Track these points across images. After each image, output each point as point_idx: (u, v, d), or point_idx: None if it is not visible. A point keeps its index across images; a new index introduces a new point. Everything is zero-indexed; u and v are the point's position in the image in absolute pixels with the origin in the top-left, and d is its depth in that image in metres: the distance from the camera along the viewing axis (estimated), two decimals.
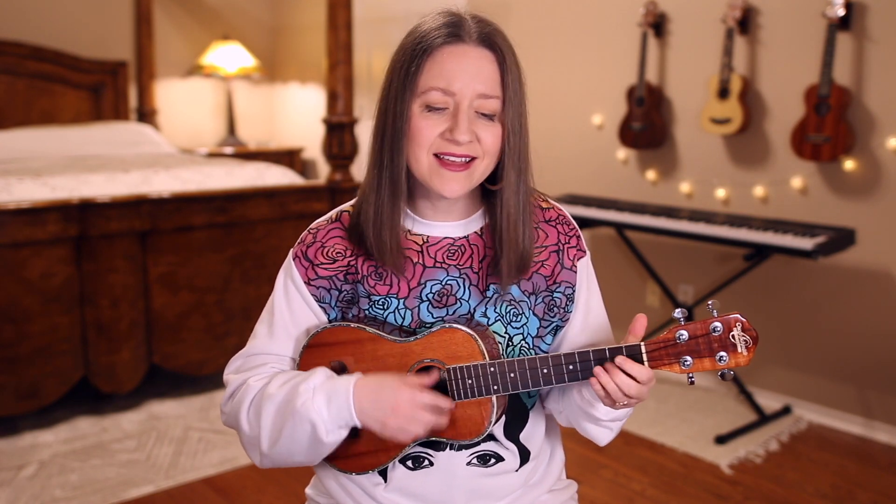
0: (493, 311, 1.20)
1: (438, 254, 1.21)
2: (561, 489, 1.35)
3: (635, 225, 3.25)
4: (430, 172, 1.14)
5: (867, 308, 3.07)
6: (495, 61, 1.14)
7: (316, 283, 1.22)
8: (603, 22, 3.79)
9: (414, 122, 1.13)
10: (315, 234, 1.25)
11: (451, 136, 1.12)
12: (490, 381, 1.12)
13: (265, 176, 3.58)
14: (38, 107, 4.62)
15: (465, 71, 1.11)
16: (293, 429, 1.12)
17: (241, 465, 2.75)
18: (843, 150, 2.97)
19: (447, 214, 1.22)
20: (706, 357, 1.09)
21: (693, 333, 1.09)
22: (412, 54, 1.13)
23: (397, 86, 1.13)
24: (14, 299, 2.82)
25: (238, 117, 5.55)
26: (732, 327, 1.08)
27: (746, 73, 3.30)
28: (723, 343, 1.08)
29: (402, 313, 1.19)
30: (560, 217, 1.27)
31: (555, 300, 1.23)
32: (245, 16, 5.55)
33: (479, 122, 1.14)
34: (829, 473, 2.78)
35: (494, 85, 1.13)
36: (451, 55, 1.12)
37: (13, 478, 2.64)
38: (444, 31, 1.12)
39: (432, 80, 1.12)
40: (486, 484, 1.22)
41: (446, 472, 1.20)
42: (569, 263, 1.24)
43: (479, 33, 1.13)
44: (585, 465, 2.79)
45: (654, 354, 1.10)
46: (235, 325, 3.33)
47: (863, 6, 2.96)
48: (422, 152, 1.13)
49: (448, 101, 1.12)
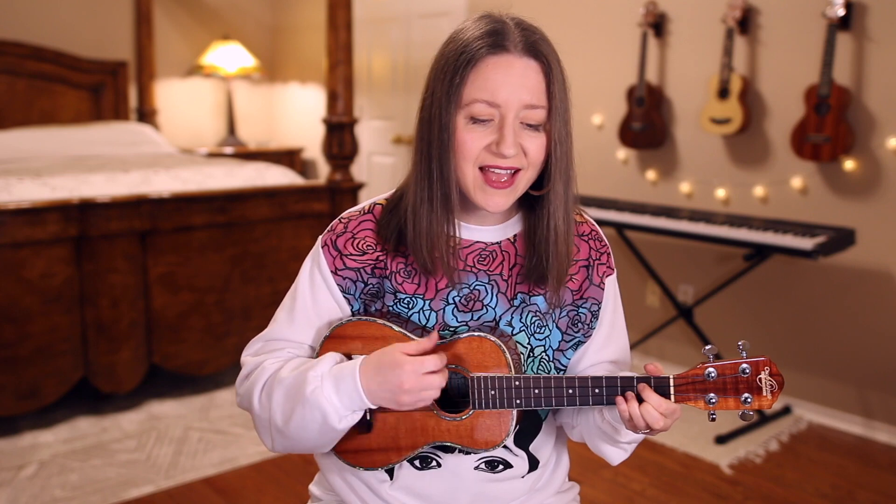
0: (518, 321, 1.19)
1: (469, 257, 1.19)
2: (564, 491, 1.35)
3: (635, 225, 3.25)
4: (474, 186, 1.12)
5: (867, 308, 3.07)
6: (541, 71, 1.11)
7: (343, 273, 1.20)
8: (603, 22, 3.79)
9: (459, 134, 1.10)
10: (346, 224, 1.22)
11: (497, 149, 1.10)
12: (514, 394, 1.11)
13: (265, 176, 3.58)
14: (38, 107, 4.62)
15: (511, 82, 1.09)
16: (303, 416, 1.11)
17: (241, 465, 2.75)
18: (843, 150, 2.97)
19: (482, 219, 1.20)
20: (731, 397, 1.10)
21: (721, 372, 1.10)
22: (455, 65, 1.10)
23: (441, 97, 1.11)
24: (14, 299, 2.82)
25: (238, 117, 5.55)
26: (761, 371, 1.10)
27: (746, 73, 3.30)
28: (749, 385, 1.10)
29: (427, 314, 1.18)
30: (593, 232, 1.26)
31: (580, 315, 1.22)
32: (245, 16, 5.55)
33: (524, 133, 1.11)
34: (829, 473, 2.78)
35: (540, 95, 1.11)
36: (496, 66, 1.09)
37: (13, 478, 2.64)
38: (487, 40, 1.09)
39: (476, 91, 1.09)
40: (491, 489, 1.22)
41: (453, 474, 1.20)
42: (597, 280, 1.23)
43: (525, 42, 1.11)
44: (586, 466, 2.79)
45: (681, 388, 1.11)
46: (235, 325, 3.33)
47: (863, 6, 2.96)
48: (467, 165, 1.11)
49: (493, 113, 1.10)
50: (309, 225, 3.46)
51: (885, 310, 3.02)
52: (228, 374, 3.52)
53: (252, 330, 3.18)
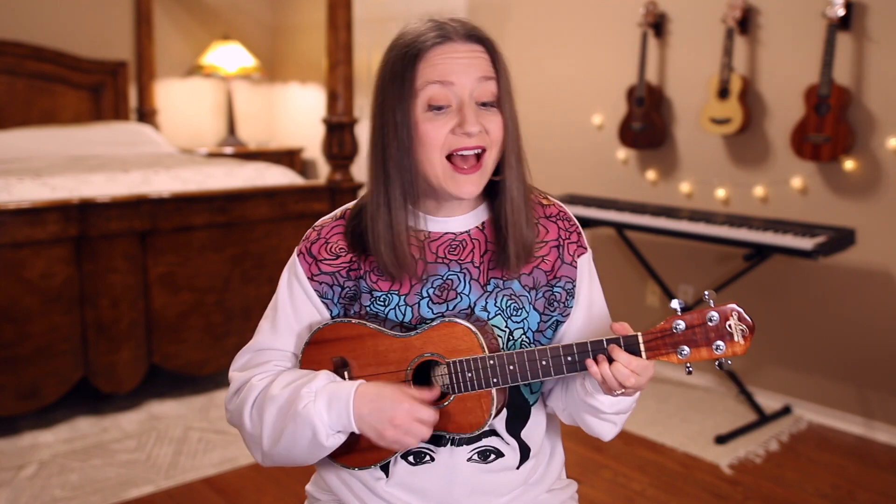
0: (493, 306, 1.20)
1: (440, 249, 1.22)
2: (561, 489, 1.35)
3: (635, 225, 3.25)
4: (444, 176, 1.15)
5: (867, 308, 3.07)
6: (485, 51, 1.16)
7: (319, 278, 1.23)
8: (603, 22, 3.79)
9: (421, 126, 1.14)
10: (319, 231, 1.26)
11: (461, 129, 1.13)
12: (490, 373, 1.13)
13: (265, 176, 3.58)
14: (38, 107, 4.62)
15: (459, 63, 1.14)
16: (294, 431, 1.14)
17: (241, 465, 2.75)
18: (843, 150, 2.97)
19: (450, 210, 1.23)
20: (703, 346, 1.10)
21: (690, 323, 1.10)
22: (403, 63, 1.14)
23: (394, 95, 1.14)
24: (14, 299, 2.82)
25: (238, 117, 5.55)
26: (729, 317, 1.09)
27: (746, 73, 3.30)
28: (719, 332, 1.09)
29: (403, 310, 1.20)
30: (561, 213, 1.28)
31: (555, 294, 1.24)
32: (245, 16, 5.55)
33: (482, 113, 1.15)
34: (829, 473, 2.78)
35: (489, 69, 1.16)
36: (443, 53, 1.14)
37: (13, 478, 2.64)
38: (431, 34, 1.15)
39: (427, 76, 1.13)
40: (486, 480, 1.23)
41: (447, 467, 1.21)
42: (569, 259, 1.25)
43: (465, 30, 1.16)
44: (585, 465, 2.79)
45: (651, 344, 1.11)
46: (235, 325, 3.33)
47: (863, 6, 2.96)
48: (434, 154, 1.14)
49: (450, 98, 1.13)
50: (309, 225, 3.45)
51: (885, 310, 3.02)
52: (228, 375, 3.52)
53: (252, 330, 3.17)
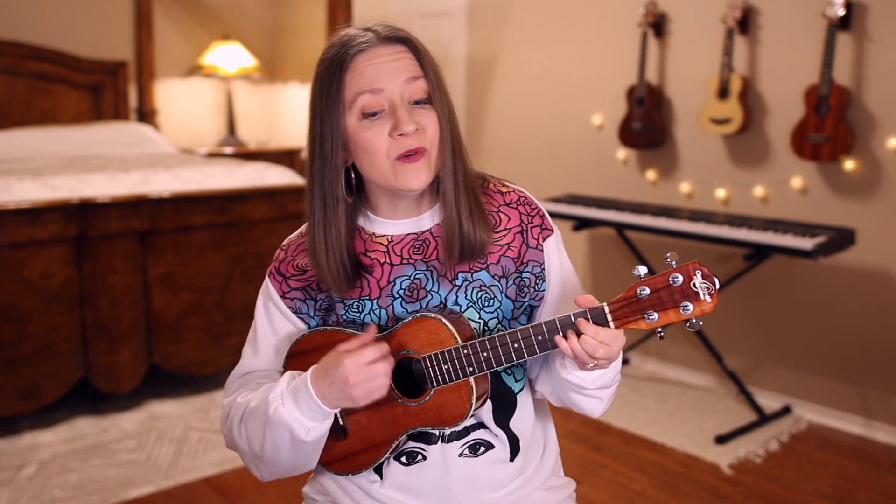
0: (464, 299, 1.21)
1: (404, 250, 1.22)
2: (559, 487, 1.35)
3: (635, 225, 3.25)
4: (393, 174, 1.15)
5: (867, 308, 3.06)
6: (409, 50, 1.17)
7: (291, 295, 1.25)
8: (603, 22, 3.79)
9: (359, 136, 1.14)
10: (286, 250, 1.28)
11: (396, 131, 1.13)
12: (465, 362, 1.13)
13: (265, 176, 3.58)
14: (38, 107, 4.62)
15: (385, 67, 1.14)
16: (273, 437, 1.15)
17: (241, 465, 2.74)
18: (843, 150, 2.97)
19: (407, 212, 1.23)
20: (670, 309, 1.08)
21: (654, 287, 1.08)
22: (327, 77, 1.15)
23: (323, 110, 1.15)
24: (14, 299, 2.82)
25: (238, 117, 5.55)
26: (692, 276, 1.07)
27: (746, 73, 3.30)
28: (685, 293, 1.07)
29: (378, 313, 1.22)
30: (521, 199, 1.27)
31: (524, 280, 1.24)
32: (245, 16, 5.55)
33: (417, 112, 1.15)
34: (829, 473, 2.78)
35: (416, 68, 1.16)
36: (366, 59, 1.14)
37: (13, 478, 2.64)
38: (350, 43, 1.15)
39: (356, 86, 1.13)
40: (480, 475, 1.23)
41: (440, 464, 1.21)
42: (534, 243, 1.24)
43: (384, 32, 1.17)
44: (585, 465, 2.79)
45: (619, 313, 1.09)
46: (235, 325, 3.33)
47: (863, 6, 2.96)
48: (381, 160, 1.15)
49: (381, 103, 1.14)
50: None
51: (885, 310, 3.02)
52: (228, 374, 3.52)
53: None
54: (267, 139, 5.73)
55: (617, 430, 3.08)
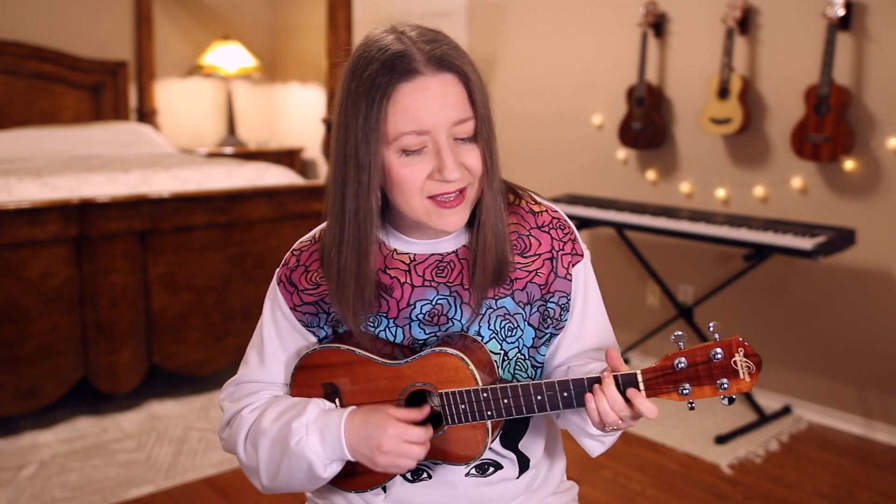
0: (486, 329, 1.16)
1: (427, 272, 1.16)
2: (562, 492, 1.34)
3: (635, 225, 3.25)
4: (427, 214, 1.09)
5: (867, 308, 3.06)
6: (459, 82, 1.06)
7: (302, 308, 1.19)
8: (603, 22, 3.79)
9: (396, 171, 1.06)
10: (299, 257, 1.21)
11: (440, 176, 1.06)
12: (483, 406, 1.09)
13: (265, 176, 3.58)
14: (38, 107, 4.62)
15: (433, 104, 1.03)
16: (290, 466, 1.13)
17: None
18: (843, 150, 2.97)
19: (436, 233, 1.16)
20: (706, 385, 1.02)
21: (692, 360, 1.02)
22: (368, 100, 1.04)
23: (358, 135, 1.05)
24: (14, 299, 2.82)
25: (238, 117, 5.55)
26: (734, 353, 1.00)
27: (746, 73, 3.30)
28: (724, 369, 1.01)
29: (394, 331, 1.17)
30: (553, 221, 1.21)
31: (549, 310, 1.19)
32: (245, 16, 5.55)
33: (460, 150, 1.07)
34: (829, 473, 2.78)
35: (464, 107, 1.06)
36: (412, 92, 1.03)
37: (13, 478, 2.64)
38: (395, 68, 1.03)
39: (401, 124, 1.04)
40: (486, 493, 1.21)
41: (445, 483, 1.19)
42: (563, 272, 1.19)
43: (432, 57, 1.04)
44: (585, 466, 2.78)
45: (651, 383, 1.04)
46: (235, 325, 3.33)
47: (863, 6, 2.96)
48: (414, 199, 1.08)
49: (425, 141, 1.05)
50: (309, 225, 3.43)
51: (885, 310, 3.02)
52: (228, 374, 3.51)
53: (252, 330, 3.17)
54: (267, 139, 5.73)
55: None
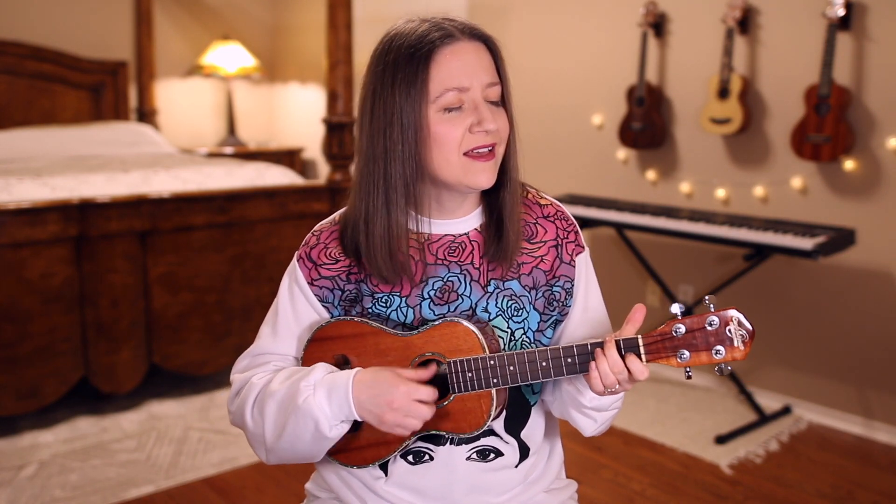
0: (494, 306, 1.21)
1: (440, 251, 1.22)
2: (560, 488, 1.35)
3: (635, 225, 3.25)
4: (463, 171, 1.15)
5: (867, 308, 3.06)
6: (488, 50, 1.17)
7: (319, 283, 1.24)
8: (603, 22, 3.79)
9: (436, 127, 1.13)
10: (318, 236, 1.26)
11: (479, 128, 1.13)
12: (490, 374, 1.13)
13: (265, 176, 3.58)
14: (38, 107, 4.62)
15: (469, 65, 1.14)
16: (296, 425, 1.14)
17: (241, 465, 2.75)
18: (843, 150, 2.97)
19: (451, 213, 1.23)
20: (703, 351, 1.10)
21: (690, 327, 1.10)
22: (411, 64, 1.13)
23: (402, 99, 1.12)
24: (14, 299, 2.82)
25: (238, 117, 5.55)
26: (729, 322, 1.09)
27: (746, 73, 3.30)
28: (719, 337, 1.09)
29: (405, 311, 1.21)
30: (558, 213, 1.28)
31: (554, 294, 1.24)
32: (245, 16, 5.55)
33: (493, 111, 1.16)
34: (829, 473, 2.78)
35: (493, 72, 1.17)
36: (453, 54, 1.13)
37: (13, 478, 2.64)
38: (435, 34, 1.13)
39: (444, 81, 1.12)
40: (485, 479, 1.23)
41: (446, 466, 1.21)
42: (567, 258, 1.25)
43: (464, 28, 1.16)
44: (585, 465, 2.79)
45: (651, 347, 1.11)
46: (235, 325, 3.33)
47: (863, 6, 2.96)
48: (452, 154, 1.14)
49: (463, 98, 1.14)
50: (309, 225, 3.46)
51: (885, 310, 3.02)
52: (228, 374, 3.51)
53: (252, 330, 3.18)
54: (267, 139, 5.73)
55: (617, 430, 3.08)
